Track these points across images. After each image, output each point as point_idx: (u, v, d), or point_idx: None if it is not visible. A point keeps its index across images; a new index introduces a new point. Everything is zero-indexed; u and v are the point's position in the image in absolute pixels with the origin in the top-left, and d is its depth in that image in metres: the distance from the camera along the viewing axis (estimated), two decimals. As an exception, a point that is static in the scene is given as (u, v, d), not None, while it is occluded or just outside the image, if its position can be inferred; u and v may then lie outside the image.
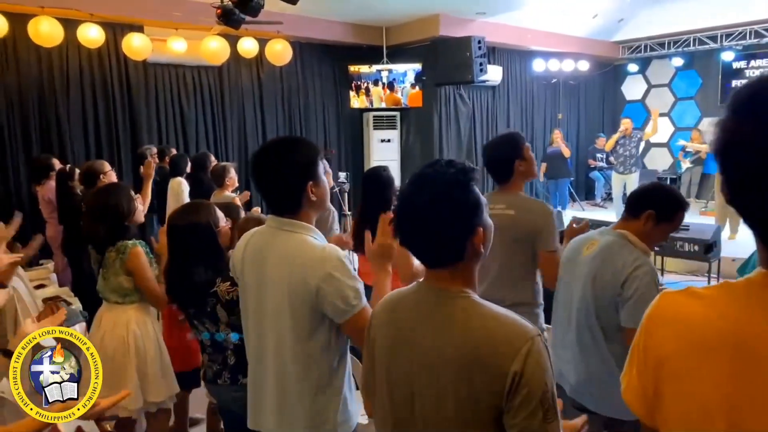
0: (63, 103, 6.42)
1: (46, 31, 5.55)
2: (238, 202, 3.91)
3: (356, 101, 8.75)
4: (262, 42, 6.97)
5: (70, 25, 5.83)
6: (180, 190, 5.19)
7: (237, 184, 4.82)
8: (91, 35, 5.89)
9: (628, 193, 8.20)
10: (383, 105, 8.71)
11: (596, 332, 1.97)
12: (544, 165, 9.36)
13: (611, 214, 8.68)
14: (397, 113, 8.97)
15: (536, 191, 10.44)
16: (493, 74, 8.92)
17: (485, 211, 1.18)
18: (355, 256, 3.48)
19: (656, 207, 1.98)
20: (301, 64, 8.25)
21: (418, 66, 8.52)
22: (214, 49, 6.42)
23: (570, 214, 7.90)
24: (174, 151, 6.21)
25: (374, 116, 8.86)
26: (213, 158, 5.50)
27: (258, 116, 8.02)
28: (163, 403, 2.67)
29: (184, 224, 2.13)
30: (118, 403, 1.52)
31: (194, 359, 2.92)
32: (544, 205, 2.45)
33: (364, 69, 8.58)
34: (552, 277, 2.33)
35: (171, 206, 5.20)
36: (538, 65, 9.87)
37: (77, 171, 4.80)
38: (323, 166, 1.69)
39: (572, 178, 9.96)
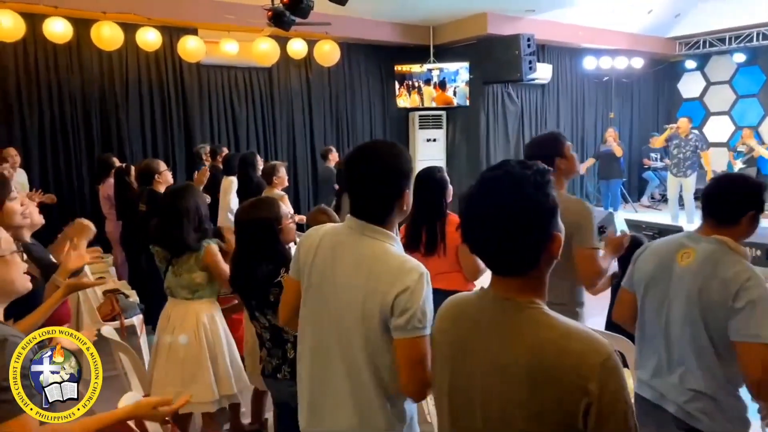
0: (122, 105, 6.71)
1: (107, 35, 5.81)
2: (287, 201, 3.98)
3: (402, 101, 8.76)
4: (311, 43, 7.07)
5: (129, 30, 6.08)
6: (230, 188, 5.33)
7: (286, 183, 4.91)
8: (149, 39, 6.13)
9: (685, 195, 7.93)
10: (434, 104, 8.67)
11: (706, 349, 1.79)
12: (591, 160, 9.12)
13: (666, 216, 8.37)
14: (444, 112, 8.92)
15: (587, 192, 10.18)
16: (543, 72, 8.75)
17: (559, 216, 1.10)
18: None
19: (757, 206, 1.83)
20: (348, 64, 8.33)
21: (465, 65, 8.45)
22: (264, 50, 6.56)
23: (622, 215, 7.65)
24: (226, 151, 6.39)
25: (420, 116, 8.85)
26: (260, 157, 5.62)
27: (306, 116, 8.14)
28: (234, 397, 2.71)
29: (248, 219, 2.21)
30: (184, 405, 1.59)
31: (240, 348, 2.99)
32: (582, 202, 2.38)
33: (415, 68, 8.57)
34: (588, 275, 2.25)
35: (221, 204, 5.34)
36: (590, 63, 9.62)
37: (133, 169, 5.00)
38: None
39: (624, 179, 9.66)
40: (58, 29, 5.65)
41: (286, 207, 3.18)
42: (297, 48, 6.97)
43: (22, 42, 5.87)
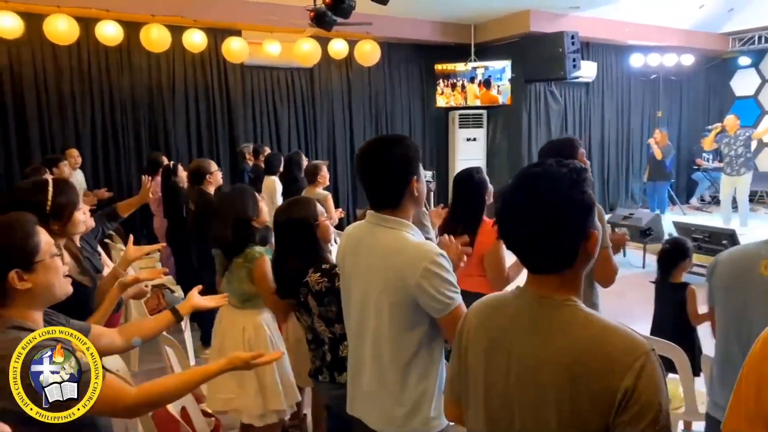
0: (169, 104, 6.91)
1: (155, 38, 5.99)
2: (330, 200, 4.01)
3: (442, 99, 8.71)
4: (352, 43, 7.11)
5: (176, 32, 6.25)
6: (273, 188, 5.41)
7: (328, 182, 4.96)
8: (195, 40, 6.29)
9: (738, 196, 7.61)
10: (478, 103, 8.59)
11: None
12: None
13: (716, 218, 8.06)
14: (484, 111, 8.83)
15: (632, 193, 9.91)
16: (587, 70, 8.55)
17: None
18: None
19: None
20: (389, 63, 8.34)
21: (507, 63, 8.34)
22: (306, 51, 6.63)
23: (669, 218, 7.40)
24: (268, 150, 6.48)
25: (460, 114, 8.78)
26: (304, 156, 5.69)
27: (346, 116, 8.20)
28: (283, 413, 2.61)
29: (284, 219, 2.22)
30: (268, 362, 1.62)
31: None
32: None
33: (459, 67, 8.50)
34: (608, 274, 2.31)
35: (265, 204, 5.41)
36: (637, 60, 9.34)
37: (180, 167, 5.14)
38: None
39: (672, 181, 9.34)
40: (109, 32, 5.86)
41: (330, 206, 3.19)
42: (338, 48, 7.01)
43: (76, 45, 6.11)
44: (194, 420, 2.23)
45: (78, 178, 5.81)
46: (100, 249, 2.75)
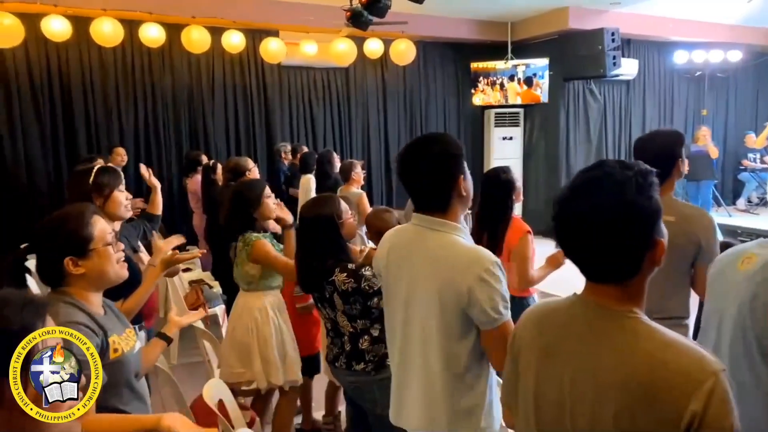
0: (209, 104, 7.07)
1: (196, 39, 6.13)
2: (365, 199, 4.04)
3: (478, 98, 8.64)
4: (387, 42, 7.12)
5: (216, 33, 6.38)
6: (309, 186, 5.48)
7: (363, 181, 4.99)
8: (234, 41, 6.41)
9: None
10: (519, 101, 8.48)
11: (758, 366, 1.59)
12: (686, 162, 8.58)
13: (765, 221, 7.75)
14: (521, 110, 8.71)
15: (674, 193, 9.60)
16: (628, 68, 8.33)
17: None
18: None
19: None
20: (424, 62, 8.32)
21: (545, 61, 8.22)
22: (342, 50, 6.68)
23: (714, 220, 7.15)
24: (305, 149, 6.56)
25: (496, 113, 8.69)
26: (336, 154, 5.73)
27: (380, 115, 8.22)
28: (284, 386, 2.79)
29: (310, 216, 2.27)
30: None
31: (313, 346, 3.06)
32: (705, 213, 2.24)
33: (499, 65, 8.41)
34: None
35: (301, 201, 5.50)
36: (680, 57, 9.05)
37: (219, 166, 5.25)
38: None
39: (716, 181, 9.02)
40: (152, 34, 6.02)
41: (365, 205, 3.24)
42: (373, 48, 7.04)
43: (120, 46, 6.31)
44: (231, 413, 2.28)
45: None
46: (142, 248, 2.84)
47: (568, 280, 2.98)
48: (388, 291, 1.72)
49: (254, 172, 4.33)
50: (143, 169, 3.55)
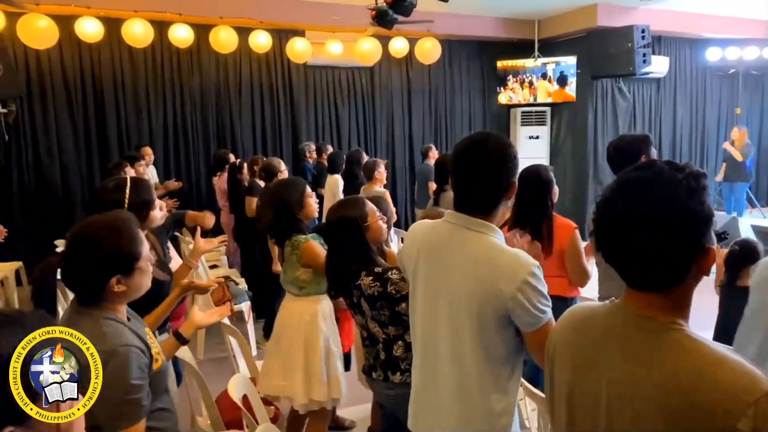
0: (236, 104, 7.16)
1: (224, 39, 6.22)
2: (388, 197, 4.03)
3: (504, 97, 8.56)
4: (412, 41, 7.11)
5: (243, 33, 6.46)
6: (336, 186, 5.51)
7: (386, 180, 5.00)
8: (260, 41, 6.48)
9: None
10: (550, 100, 8.37)
11: None
12: (723, 165, 8.39)
13: (801, 222, 7.52)
14: (548, 108, 8.61)
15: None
16: (659, 65, 8.17)
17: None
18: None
19: None
20: (449, 61, 8.29)
21: (572, 59, 8.10)
22: (367, 50, 6.69)
23: (747, 221, 6.97)
24: (330, 149, 6.60)
25: (522, 112, 8.60)
26: (364, 154, 5.76)
27: (405, 114, 8.21)
28: (324, 404, 2.66)
29: (335, 219, 2.22)
30: None
31: (346, 343, 3.02)
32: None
33: (529, 63, 8.32)
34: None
35: (328, 202, 5.52)
36: (713, 54, 8.82)
37: (245, 165, 5.32)
38: None
39: (751, 182, 8.77)
40: (181, 34, 6.13)
41: (389, 203, 3.21)
42: (398, 47, 7.04)
43: (150, 47, 6.44)
44: (255, 408, 2.30)
45: (151, 173, 6.12)
46: (169, 243, 2.89)
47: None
48: (416, 288, 1.67)
49: (285, 174, 4.38)
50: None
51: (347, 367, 3.06)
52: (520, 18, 8.12)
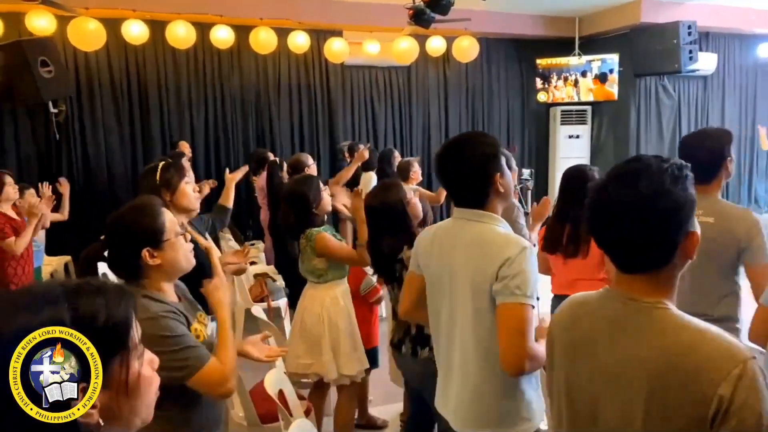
0: (275, 104, 7.27)
1: (263, 40, 6.32)
2: (423, 191, 4.04)
3: (543, 95, 8.42)
4: (449, 40, 7.08)
5: (282, 34, 6.55)
6: (370, 183, 5.53)
7: (420, 178, 4.99)
8: (299, 42, 6.56)
9: None
10: (592, 98, 8.21)
11: None
12: None
13: None
14: (589, 107, 8.43)
15: (756, 196, 9.03)
16: (706, 62, 7.89)
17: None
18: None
19: None
20: (487, 59, 8.21)
21: (614, 56, 7.91)
22: (404, 49, 6.70)
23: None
24: (362, 148, 6.61)
25: (562, 111, 8.44)
26: (397, 154, 5.76)
27: (442, 113, 8.18)
28: (354, 377, 2.85)
29: (377, 204, 2.38)
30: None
31: (372, 339, 3.09)
32: (749, 213, 2.16)
33: (572, 61, 8.17)
34: (762, 290, 2.04)
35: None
36: (765, 50, 8.47)
37: (285, 163, 5.39)
38: (505, 161, 1.70)
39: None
40: (222, 36, 6.27)
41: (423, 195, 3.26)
42: (436, 45, 7.01)
43: (192, 48, 6.60)
44: (290, 402, 2.35)
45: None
46: (211, 241, 2.96)
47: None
48: (431, 282, 1.77)
49: (313, 168, 4.43)
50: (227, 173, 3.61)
51: (376, 364, 3.12)
52: (560, 15, 7.98)
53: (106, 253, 1.59)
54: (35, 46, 5.67)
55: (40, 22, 5.56)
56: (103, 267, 1.75)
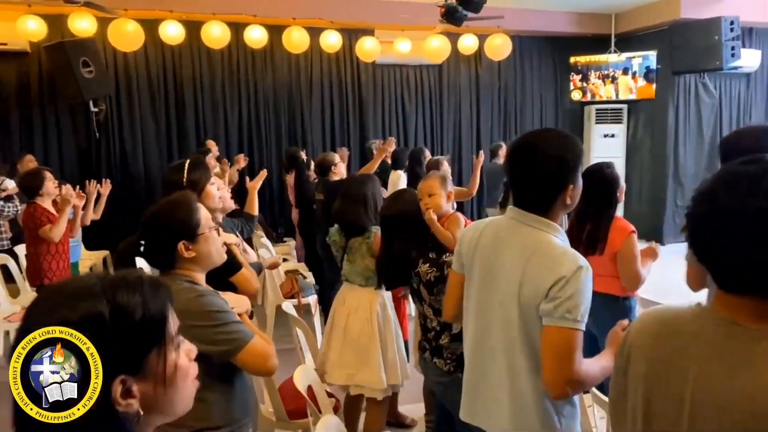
0: (306, 103, 7.34)
1: (296, 39, 6.38)
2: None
3: (577, 93, 8.27)
4: (482, 38, 7.01)
5: (314, 33, 6.60)
6: (398, 182, 5.52)
7: (450, 176, 4.95)
8: (331, 41, 6.60)
9: None
10: (632, 96, 8.02)
11: None
12: None
13: None
14: (624, 106, 8.25)
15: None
16: (749, 59, 7.61)
17: None
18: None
19: None
20: (520, 57, 8.11)
21: (651, 53, 7.72)
22: (435, 47, 6.67)
23: None
24: (393, 146, 6.61)
25: (597, 109, 8.28)
26: (428, 152, 5.74)
27: (473, 111, 8.12)
28: (397, 387, 2.76)
29: (393, 213, 2.34)
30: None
31: (402, 332, 3.05)
32: None
33: (612, 58, 7.99)
34: None
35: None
36: (813, 46, 8.14)
37: (313, 163, 5.44)
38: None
39: None
40: (256, 36, 6.35)
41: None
42: (468, 43, 6.96)
43: (227, 48, 6.72)
44: (319, 398, 2.36)
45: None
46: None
47: (672, 286, 2.81)
48: (470, 280, 1.68)
49: (340, 167, 4.46)
50: (240, 158, 3.70)
51: (407, 359, 3.11)
52: (595, 12, 7.83)
53: (141, 248, 1.64)
54: (77, 47, 5.87)
55: (82, 24, 5.73)
56: (139, 261, 1.80)
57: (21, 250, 4.55)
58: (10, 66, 6.30)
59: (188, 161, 2.44)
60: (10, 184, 4.85)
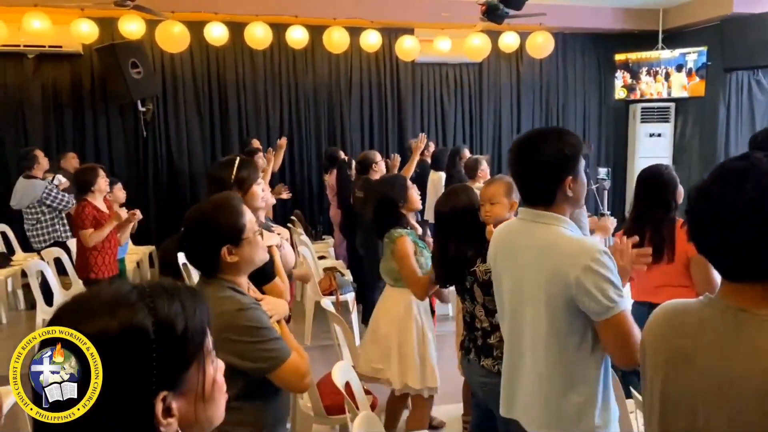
0: (346, 102, 7.40)
1: (336, 40, 6.44)
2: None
3: (622, 91, 8.05)
4: (523, 35, 6.92)
5: (354, 33, 6.64)
6: (439, 183, 5.51)
7: (489, 177, 4.90)
8: (371, 41, 6.62)
9: None
10: (686, 94, 7.75)
11: None
12: None
13: None
14: (671, 104, 7.98)
15: None
16: (807, 54, 7.26)
17: None
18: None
19: None
20: (563, 55, 7.96)
21: (701, 50, 7.44)
22: (475, 46, 6.61)
23: None
24: (432, 146, 6.59)
25: (642, 108, 8.03)
26: (467, 151, 5.69)
27: (514, 110, 8.01)
28: (420, 391, 2.74)
29: (448, 209, 2.30)
30: None
31: None
32: None
33: (665, 54, 7.75)
34: None
35: (430, 198, 5.53)
36: None
37: (354, 162, 5.47)
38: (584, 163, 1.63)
39: None
40: (297, 36, 6.44)
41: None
42: (509, 41, 6.87)
43: (269, 49, 6.83)
44: (356, 395, 2.38)
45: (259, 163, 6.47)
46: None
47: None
48: (498, 282, 1.75)
49: (380, 165, 4.47)
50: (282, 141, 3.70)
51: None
52: (641, 7, 7.60)
53: (183, 250, 1.64)
54: (126, 49, 6.08)
55: (131, 26, 5.94)
56: (182, 257, 1.83)
57: (73, 244, 4.73)
58: (65, 67, 6.58)
59: (238, 159, 2.44)
60: (63, 179, 5.06)
